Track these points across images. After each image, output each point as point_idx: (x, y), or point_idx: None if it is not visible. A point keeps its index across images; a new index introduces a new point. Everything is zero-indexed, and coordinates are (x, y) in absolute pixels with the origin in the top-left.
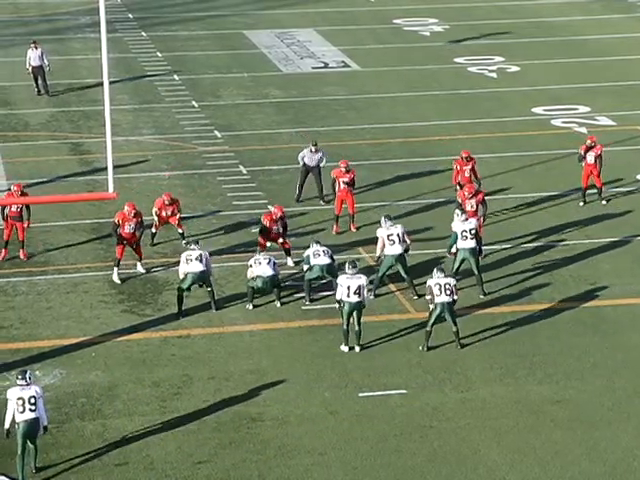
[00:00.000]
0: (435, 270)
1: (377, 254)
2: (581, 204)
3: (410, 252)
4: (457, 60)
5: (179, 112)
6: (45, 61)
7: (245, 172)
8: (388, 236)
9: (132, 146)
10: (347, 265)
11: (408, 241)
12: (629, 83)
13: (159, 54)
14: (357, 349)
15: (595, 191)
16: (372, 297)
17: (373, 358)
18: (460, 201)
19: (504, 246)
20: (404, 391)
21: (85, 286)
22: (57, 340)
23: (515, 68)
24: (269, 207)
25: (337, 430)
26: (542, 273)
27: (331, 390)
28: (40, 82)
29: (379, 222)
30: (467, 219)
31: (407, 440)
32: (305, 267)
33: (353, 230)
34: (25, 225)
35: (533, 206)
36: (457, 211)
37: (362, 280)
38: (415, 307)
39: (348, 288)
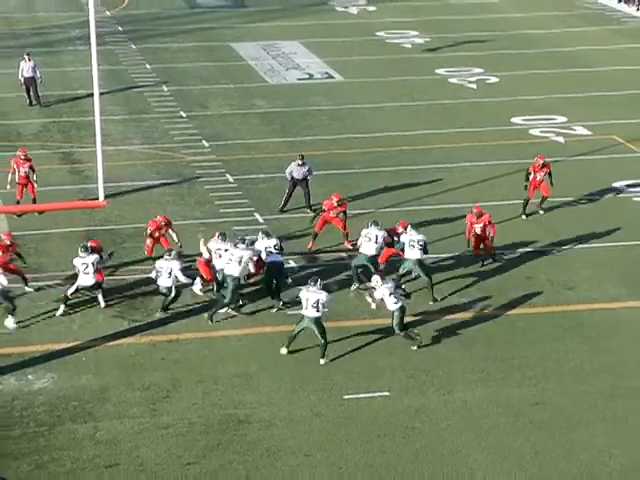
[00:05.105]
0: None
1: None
2: (524, 217)
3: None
4: (438, 71)
5: (168, 122)
6: (38, 73)
7: (232, 180)
8: (365, 234)
9: (122, 155)
10: (310, 281)
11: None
12: (605, 94)
13: (148, 66)
14: (322, 362)
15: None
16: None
17: (357, 361)
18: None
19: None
20: (387, 393)
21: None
22: (49, 345)
23: (494, 79)
24: (255, 215)
25: (322, 432)
26: (521, 278)
27: (316, 393)
28: (32, 93)
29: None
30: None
31: (391, 441)
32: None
33: (349, 246)
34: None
35: (512, 214)
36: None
37: (322, 296)
38: None
39: (306, 301)
